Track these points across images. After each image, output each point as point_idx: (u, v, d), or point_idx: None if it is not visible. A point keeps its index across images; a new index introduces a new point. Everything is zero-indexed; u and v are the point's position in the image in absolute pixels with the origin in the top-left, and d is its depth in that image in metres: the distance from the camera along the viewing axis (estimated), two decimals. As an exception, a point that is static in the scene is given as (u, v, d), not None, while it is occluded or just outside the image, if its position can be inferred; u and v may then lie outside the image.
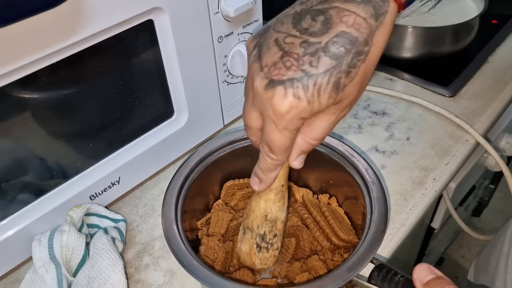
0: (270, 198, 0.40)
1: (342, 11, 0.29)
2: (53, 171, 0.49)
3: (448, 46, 0.75)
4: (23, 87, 0.42)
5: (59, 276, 0.46)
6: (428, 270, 0.34)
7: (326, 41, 0.29)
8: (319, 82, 0.29)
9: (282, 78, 0.30)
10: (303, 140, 0.34)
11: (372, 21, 0.29)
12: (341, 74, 0.29)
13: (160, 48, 0.51)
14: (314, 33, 0.29)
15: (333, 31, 0.29)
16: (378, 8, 0.29)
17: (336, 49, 0.29)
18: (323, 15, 0.29)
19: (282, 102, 0.30)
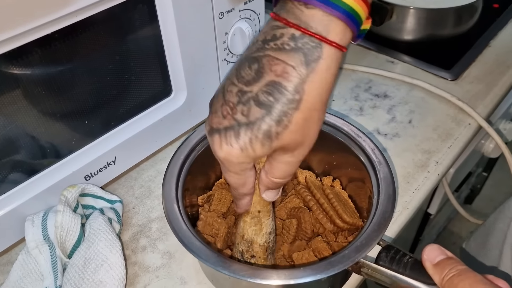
0: (246, 220, 0.40)
1: (273, 60, 0.29)
2: (46, 150, 0.47)
3: (450, 29, 0.74)
4: (14, 60, 0.40)
5: (53, 257, 0.45)
6: (439, 251, 0.33)
7: (257, 90, 0.29)
8: (249, 131, 0.30)
9: (218, 126, 0.31)
10: (266, 177, 0.35)
11: (301, 69, 0.28)
12: (271, 122, 0.29)
13: (159, 23, 0.48)
14: (248, 82, 0.30)
15: (263, 80, 0.29)
16: (309, 55, 0.28)
17: (265, 98, 0.29)
18: (257, 63, 0.30)
19: (219, 150, 0.31)
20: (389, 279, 0.34)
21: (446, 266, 0.31)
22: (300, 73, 0.28)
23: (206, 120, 0.33)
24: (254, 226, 0.40)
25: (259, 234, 0.40)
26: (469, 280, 0.30)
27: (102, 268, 0.41)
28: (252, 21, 0.57)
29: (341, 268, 0.34)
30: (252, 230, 0.40)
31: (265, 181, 0.35)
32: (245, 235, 0.41)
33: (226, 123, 0.30)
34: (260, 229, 0.40)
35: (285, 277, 0.34)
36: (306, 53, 0.28)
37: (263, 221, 0.40)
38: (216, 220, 0.45)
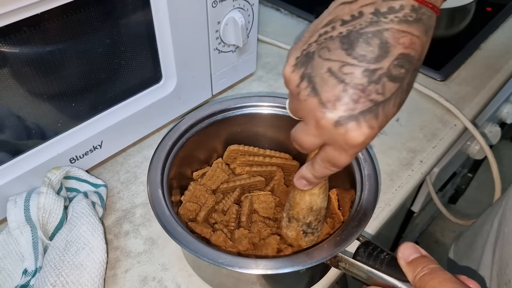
0: (315, 192, 0.40)
1: (398, 33, 0.28)
2: (31, 131, 0.47)
3: (442, 30, 0.74)
4: (2, 38, 0.39)
5: (34, 238, 0.45)
6: (413, 249, 0.34)
7: (388, 65, 0.28)
8: (387, 107, 0.29)
9: (352, 113, 0.29)
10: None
11: (423, 38, 0.29)
12: (403, 93, 0.30)
13: (151, 8, 0.48)
14: (374, 59, 0.28)
15: (392, 55, 0.28)
16: (427, 24, 0.29)
17: (397, 72, 0.29)
18: (378, 39, 0.28)
19: (358, 136, 0.29)
20: (365, 274, 0.35)
21: (419, 264, 0.32)
22: (422, 42, 0.29)
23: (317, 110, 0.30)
24: (322, 194, 0.41)
25: (325, 200, 0.41)
26: (439, 279, 0.30)
27: (83, 251, 0.42)
28: (245, 11, 0.57)
29: (319, 261, 0.35)
30: (321, 198, 0.41)
31: None
32: (313, 206, 0.41)
33: (361, 107, 0.29)
34: (326, 195, 0.41)
35: (263, 267, 0.35)
36: (425, 23, 0.29)
37: (327, 185, 0.41)
38: (204, 194, 0.46)
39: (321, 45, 0.30)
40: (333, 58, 0.29)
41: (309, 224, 0.42)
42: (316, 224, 0.42)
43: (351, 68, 0.29)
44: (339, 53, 0.29)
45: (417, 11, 0.29)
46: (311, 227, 0.42)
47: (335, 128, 0.30)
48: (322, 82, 0.30)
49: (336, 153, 0.32)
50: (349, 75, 0.29)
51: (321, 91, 0.30)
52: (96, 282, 0.41)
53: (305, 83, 0.30)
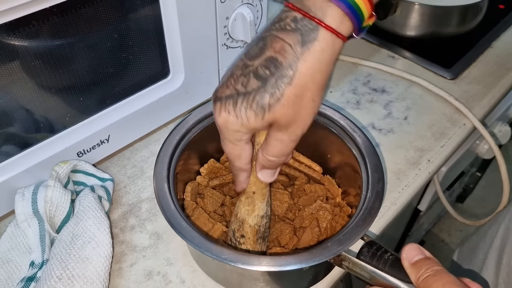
0: (241, 199, 0.41)
1: (274, 38, 0.32)
2: (40, 124, 0.47)
3: (454, 27, 0.73)
4: (12, 32, 0.39)
5: (41, 231, 0.45)
6: (418, 250, 0.34)
7: (257, 64, 0.32)
8: (245, 100, 0.32)
9: (221, 95, 0.34)
10: (262, 155, 0.37)
11: (297, 48, 0.31)
12: (264, 94, 0.31)
13: (160, 2, 0.48)
14: (251, 57, 0.33)
15: (264, 56, 0.32)
16: (306, 36, 0.31)
17: (262, 72, 0.32)
18: (262, 41, 0.32)
19: (218, 116, 0.34)
20: (368, 274, 0.35)
21: (423, 266, 0.32)
22: (295, 51, 0.31)
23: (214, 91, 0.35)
24: (247, 206, 0.41)
25: (251, 215, 0.41)
26: (443, 281, 0.30)
27: (89, 245, 0.42)
28: (254, 7, 0.57)
29: (322, 259, 0.35)
30: (245, 209, 0.41)
31: (261, 158, 0.37)
32: (238, 213, 0.42)
33: (228, 92, 0.33)
34: (252, 210, 0.41)
35: (266, 264, 0.35)
36: (303, 33, 0.31)
37: (256, 203, 0.41)
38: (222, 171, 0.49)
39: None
40: (241, 54, 0.34)
41: (234, 231, 0.43)
42: (238, 236, 0.42)
43: (240, 62, 0.33)
44: (243, 51, 0.34)
45: (297, 22, 0.31)
46: (234, 236, 0.43)
47: (212, 105, 0.35)
48: (228, 71, 0.35)
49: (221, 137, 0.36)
50: (236, 67, 0.34)
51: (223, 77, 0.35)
52: (102, 276, 0.41)
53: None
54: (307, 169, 0.50)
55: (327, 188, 0.48)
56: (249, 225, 0.42)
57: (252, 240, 0.42)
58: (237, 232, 0.42)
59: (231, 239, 0.43)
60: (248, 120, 0.33)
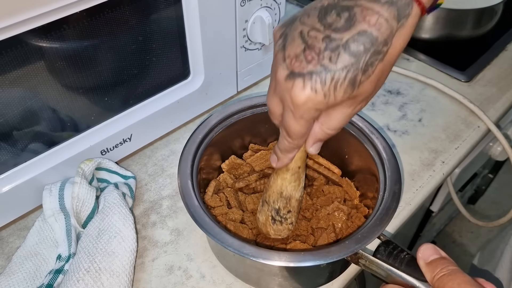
0: (286, 177, 0.41)
1: (366, 10, 0.29)
2: (66, 123, 0.49)
3: (469, 30, 0.74)
4: (43, 35, 0.41)
5: (68, 226, 0.47)
6: (433, 250, 0.35)
7: (347, 38, 0.29)
8: (336, 77, 0.30)
9: (302, 71, 0.31)
10: (320, 129, 0.35)
11: (393, 23, 0.29)
12: (358, 71, 0.30)
13: (182, 6, 0.50)
14: (337, 29, 0.30)
15: (355, 29, 0.29)
16: (402, 10, 0.29)
17: (355, 47, 0.29)
18: (347, 12, 0.30)
19: (300, 94, 0.31)
20: (384, 272, 0.36)
21: (438, 265, 0.33)
22: (392, 26, 0.29)
23: (281, 64, 0.32)
24: (294, 182, 0.41)
25: (297, 189, 0.42)
26: (458, 280, 0.31)
27: (115, 239, 0.44)
28: (272, 10, 0.58)
29: (340, 256, 0.36)
30: (292, 186, 0.41)
31: (319, 132, 0.35)
32: (283, 192, 0.42)
33: (311, 68, 0.30)
34: (298, 184, 0.42)
35: (286, 259, 0.36)
36: (399, 8, 0.29)
37: (301, 176, 0.41)
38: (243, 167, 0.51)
39: (305, 12, 0.32)
40: (308, 22, 0.31)
41: (278, 210, 0.42)
42: (284, 212, 0.42)
43: (316, 33, 0.30)
44: (313, 20, 0.31)
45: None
46: (279, 214, 0.43)
47: (285, 82, 0.32)
48: (292, 40, 0.32)
49: (286, 116, 0.33)
50: (312, 38, 0.30)
51: (287, 47, 0.32)
52: (127, 269, 0.43)
53: (281, 40, 0.33)
54: (326, 171, 0.51)
55: (345, 190, 0.49)
56: (296, 199, 0.42)
57: (296, 212, 0.43)
58: (283, 209, 0.43)
59: (274, 219, 0.43)
60: (335, 98, 0.31)
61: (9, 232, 0.51)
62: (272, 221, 0.43)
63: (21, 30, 0.39)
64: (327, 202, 0.48)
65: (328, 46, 0.30)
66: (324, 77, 0.30)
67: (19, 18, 0.38)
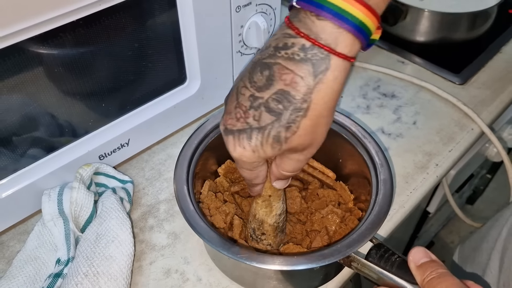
0: (258, 202, 0.43)
1: (283, 69, 0.30)
2: (64, 129, 0.50)
3: (463, 33, 0.75)
4: (41, 43, 0.42)
5: (67, 230, 0.48)
6: (424, 253, 0.35)
7: (267, 97, 0.31)
8: (260, 135, 0.32)
9: (232, 128, 0.33)
10: (276, 170, 0.37)
11: (309, 80, 0.29)
12: (280, 128, 0.31)
13: (178, 13, 0.50)
14: (259, 88, 0.31)
15: (274, 88, 0.30)
16: (317, 66, 0.29)
17: (275, 106, 0.30)
18: (268, 70, 0.31)
19: (233, 150, 0.33)
20: (376, 275, 0.37)
21: (428, 268, 0.34)
22: (308, 83, 0.29)
23: (221, 119, 0.34)
24: (265, 208, 0.43)
25: (269, 216, 0.43)
26: (447, 283, 0.32)
27: (113, 244, 0.45)
28: (268, 15, 0.59)
29: (332, 260, 0.37)
30: (263, 211, 0.43)
31: (276, 172, 0.38)
32: (256, 215, 0.44)
33: (239, 126, 0.32)
34: (270, 211, 0.43)
35: (279, 263, 0.37)
36: (315, 64, 0.29)
37: (273, 204, 0.43)
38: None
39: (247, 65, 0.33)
40: (243, 79, 0.33)
41: (254, 230, 0.45)
42: (258, 234, 0.44)
43: (245, 90, 0.32)
44: (246, 76, 0.32)
45: (306, 51, 0.29)
46: (255, 234, 0.45)
47: (223, 136, 0.34)
48: (231, 96, 0.34)
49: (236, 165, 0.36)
50: (242, 96, 0.32)
51: (227, 103, 0.34)
52: (125, 273, 0.44)
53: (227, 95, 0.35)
54: (320, 175, 0.51)
55: (339, 194, 0.50)
56: (269, 224, 0.44)
57: (272, 236, 0.45)
58: (257, 231, 0.44)
59: (252, 236, 0.45)
60: (265, 153, 0.32)
61: (9, 237, 0.52)
62: (251, 238, 0.45)
63: (19, 39, 0.40)
64: (321, 205, 0.49)
65: (252, 104, 0.31)
66: (249, 135, 0.32)
67: (18, 27, 0.39)
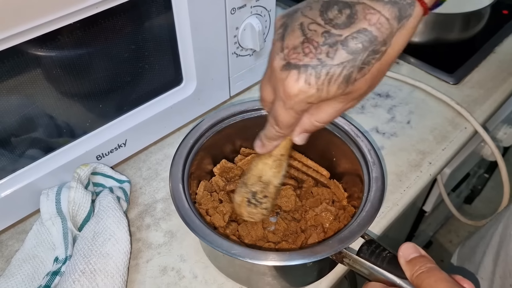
0: (268, 162, 0.42)
1: (368, 9, 0.29)
2: (62, 130, 0.51)
3: (457, 34, 0.75)
4: (39, 46, 0.43)
5: (64, 229, 0.48)
6: (413, 249, 0.36)
7: (347, 35, 0.30)
8: (331, 72, 0.30)
9: (298, 62, 0.31)
10: (309, 120, 0.36)
11: (394, 23, 0.29)
12: (353, 68, 0.30)
13: (173, 15, 0.51)
14: (337, 25, 0.30)
15: (355, 27, 0.30)
16: (403, 11, 0.29)
17: (354, 45, 0.30)
18: (349, 9, 0.30)
19: (293, 85, 0.31)
20: (367, 270, 0.38)
21: (417, 263, 0.34)
22: (392, 26, 0.29)
23: (276, 53, 0.32)
24: (275, 169, 0.42)
25: (277, 176, 0.43)
26: (435, 277, 0.33)
27: (109, 242, 0.45)
28: (262, 17, 0.60)
29: (324, 255, 0.38)
30: (272, 172, 0.42)
31: (307, 124, 0.36)
32: (263, 176, 0.43)
33: (308, 60, 0.31)
34: (279, 172, 0.43)
35: (272, 259, 0.38)
36: (401, 8, 0.29)
37: (283, 164, 0.42)
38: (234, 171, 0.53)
39: (307, 4, 0.32)
40: (309, 15, 0.31)
41: (254, 194, 0.44)
42: (261, 197, 0.43)
43: (317, 26, 0.31)
44: (315, 13, 0.31)
45: None
46: (255, 198, 0.44)
47: (280, 72, 0.32)
48: (291, 31, 0.32)
49: (277, 105, 0.34)
50: (312, 32, 0.31)
51: (286, 38, 0.32)
52: (121, 270, 0.44)
53: (281, 30, 0.33)
54: (314, 173, 0.52)
55: (333, 192, 0.51)
56: (274, 186, 0.43)
57: (273, 199, 0.44)
58: (260, 193, 0.44)
59: (250, 201, 0.44)
60: (328, 93, 0.31)
61: (8, 236, 0.52)
62: (247, 203, 0.44)
63: (18, 41, 0.41)
64: (315, 203, 0.50)
65: (326, 41, 0.30)
66: (319, 71, 0.30)
67: (16, 30, 0.40)
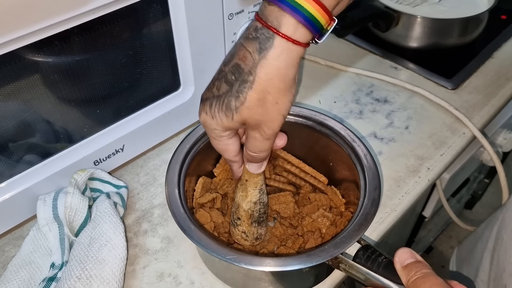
0: (237, 185, 0.45)
1: (240, 46, 0.35)
2: (60, 135, 0.51)
3: (455, 39, 0.76)
4: (36, 51, 0.43)
5: (61, 235, 0.48)
6: (409, 254, 0.36)
7: (227, 70, 0.36)
8: (216, 102, 0.36)
9: (203, 97, 0.38)
10: (245, 151, 0.41)
11: (255, 55, 0.34)
12: (231, 97, 0.35)
13: (171, 21, 0.51)
14: (225, 63, 0.36)
15: (232, 62, 0.35)
16: (263, 44, 0.33)
17: (229, 77, 0.35)
18: (233, 49, 0.36)
19: (200, 115, 0.39)
20: (363, 275, 0.37)
21: (413, 268, 0.34)
22: (254, 58, 0.34)
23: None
24: (242, 192, 0.45)
25: (244, 201, 0.45)
26: (430, 283, 0.32)
27: (106, 247, 0.45)
28: (260, 23, 0.60)
29: (320, 261, 0.38)
30: (240, 195, 0.45)
31: (245, 153, 0.42)
32: (235, 198, 0.46)
33: (207, 95, 0.37)
34: (245, 196, 0.45)
35: (267, 264, 0.37)
36: (261, 41, 0.34)
37: (249, 190, 0.45)
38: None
39: None
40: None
41: (233, 213, 0.46)
42: (235, 218, 0.46)
43: (219, 67, 0.37)
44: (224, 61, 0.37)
45: (258, 31, 0.34)
46: (233, 217, 0.46)
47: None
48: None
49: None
50: (217, 72, 0.37)
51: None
52: (117, 276, 0.44)
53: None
54: (312, 179, 0.52)
55: (330, 198, 0.51)
56: (243, 209, 0.45)
57: (246, 223, 0.46)
58: (234, 214, 0.46)
59: (232, 220, 0.47)
60: (221, 120, 0.36)
61: (4, 242, 0.52)
62: (231, 221, 0.47)
63: (15, 47, 0.41)
64: (313, 209, 0.50)
65: (218, 77, 0.36)
66: (211, 102, 0.37)
67: (13, 36, 0.40)
